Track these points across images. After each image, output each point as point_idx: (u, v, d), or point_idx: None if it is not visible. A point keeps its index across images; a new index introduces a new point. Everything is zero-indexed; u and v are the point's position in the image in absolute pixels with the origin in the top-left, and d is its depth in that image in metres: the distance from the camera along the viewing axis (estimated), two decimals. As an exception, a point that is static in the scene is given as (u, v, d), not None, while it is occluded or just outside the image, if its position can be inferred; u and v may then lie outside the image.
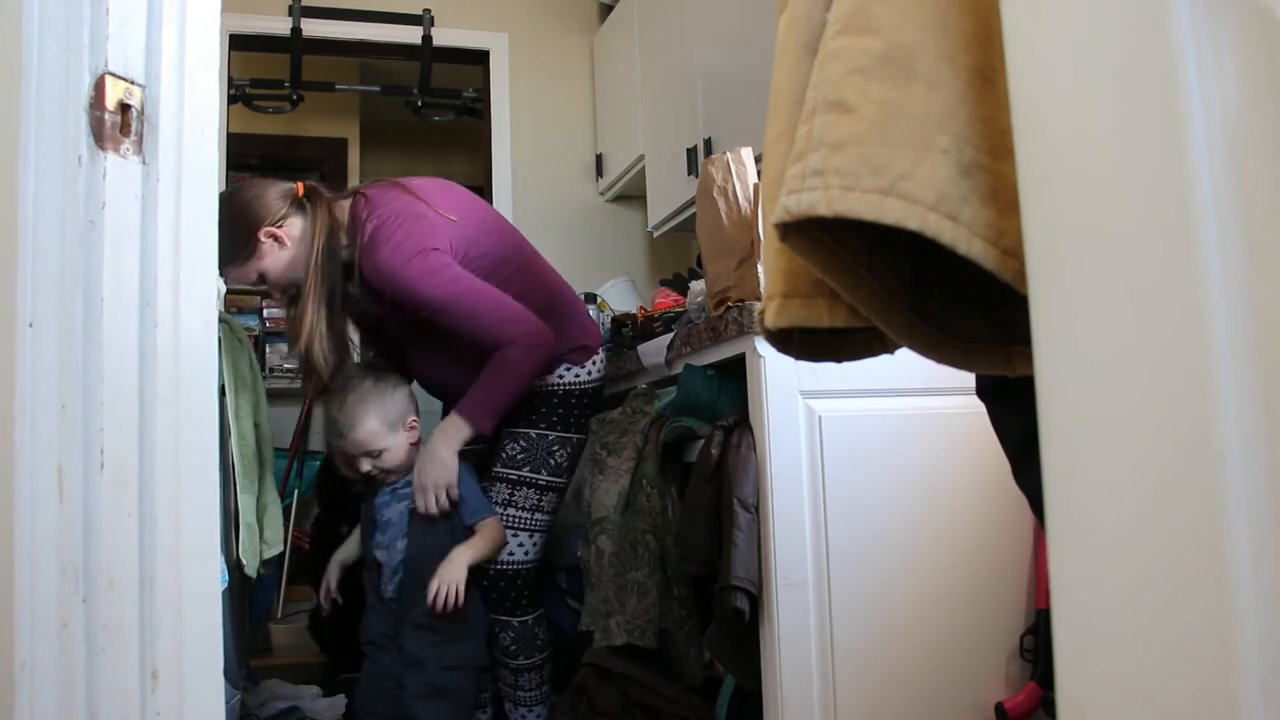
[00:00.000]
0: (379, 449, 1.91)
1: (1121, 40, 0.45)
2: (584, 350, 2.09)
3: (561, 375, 2.05)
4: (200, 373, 0.92)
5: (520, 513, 1.99)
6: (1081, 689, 0.47)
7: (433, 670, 1.88)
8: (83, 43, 0.83)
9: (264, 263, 1.91)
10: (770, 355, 1.60)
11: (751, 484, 1.58)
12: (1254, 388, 0.39)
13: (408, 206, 1.92)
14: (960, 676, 1.65)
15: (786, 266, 0.75)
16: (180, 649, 0.87)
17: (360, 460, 1.92)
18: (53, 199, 0.81)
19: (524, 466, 2.00)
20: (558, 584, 2.32)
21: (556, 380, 2.05)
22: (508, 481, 2.00)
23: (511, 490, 1.99)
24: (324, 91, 4.25)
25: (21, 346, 0.79)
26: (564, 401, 2.04)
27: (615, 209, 3.83)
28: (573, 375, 2.06)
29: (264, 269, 1.92)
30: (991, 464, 1.63)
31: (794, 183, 0.62)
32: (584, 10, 3.92)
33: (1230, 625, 0.39)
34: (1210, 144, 0.41)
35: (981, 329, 0.76)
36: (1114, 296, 0.45)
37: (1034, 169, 0.50)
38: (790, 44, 0.74)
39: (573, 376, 2.06)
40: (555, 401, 2.04)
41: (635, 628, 1.79)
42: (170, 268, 0.89)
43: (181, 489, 0.89)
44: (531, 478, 2.00)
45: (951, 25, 0.61)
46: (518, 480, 2.00)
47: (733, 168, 1.78)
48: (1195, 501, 0.40)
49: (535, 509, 2.00)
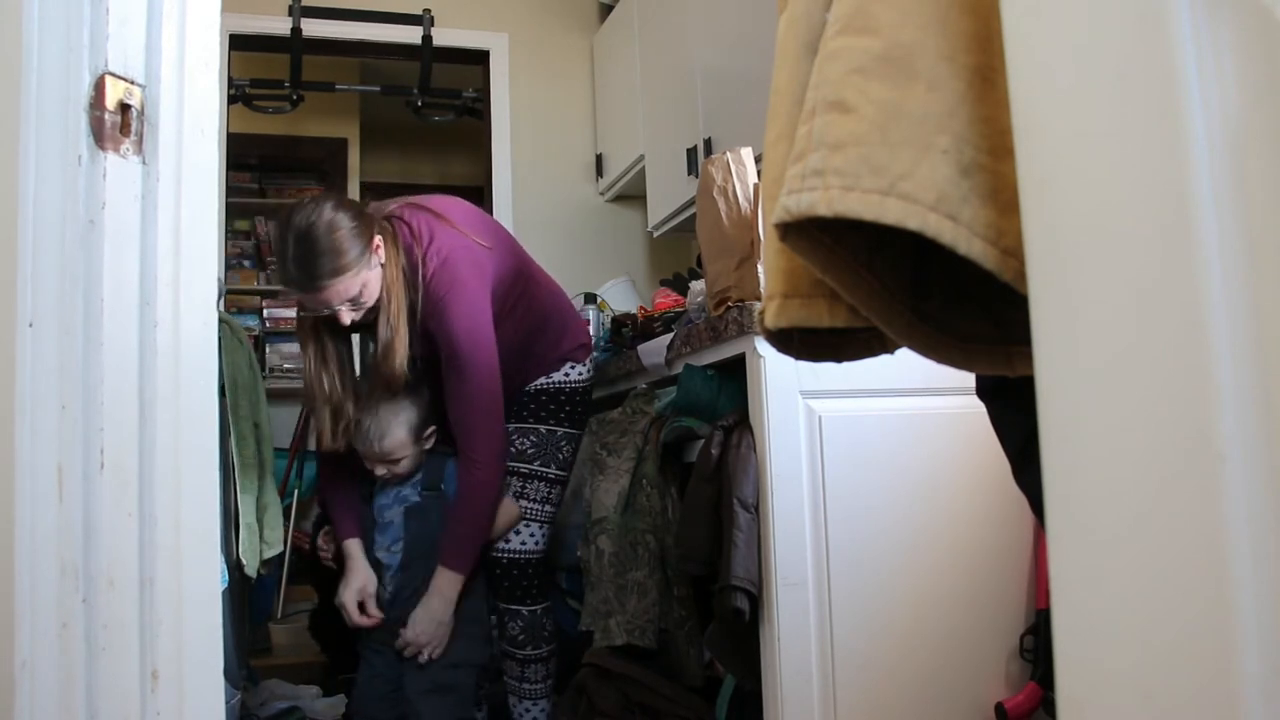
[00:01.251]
0: (400, 458, 1.94)
1: (1121, 40, 0.45)
2: (584, 348, 2.19)
3: (567, 374, 2.13)
4: (200, 373, 0.92)
5: (532, 504, 2.04)
6: (1081, 689, 0.47)
7: (436, 668, 1.89)
8: (83, 43, 0.83)
9: (370, 274, 1.80)
10: (770, 355, 1.60)
11: (751, 484, 1.58)
12: (1254, 387, 0.39)
13: (470, 256, 1.91)
14: (960, 676, 1.65)
15: (786, 266, 0.75)
16: (180, 649, 0.87)
17: (376, 466, 1.94)
18: (53, 199, 0.81)
19: (535, 460, 2.06)
20: (558, 584, 2.32)
21: (563, 378, 2.13)
22: (520, 475, 2.05)
23: (524, 483, 2.04)
24: (324, 91, 4.25)
25: (22, 346, 0.79)
26: (570, 398, 2.13)
27: (615, 209, 3.83)
28: (577, 373, 2.15)
29: (368, 281, 1.80)
30: (991, 464, 1.63)
31: (794, 183, 0.62)
32: (584, 10, 3.92)
33: (1230, 625, 0.39)
34: (1210, 144, 0.41)
35: (981, 329, 0.76)
36: (1114, 296, 0.45)
37: (1034, 169, 0.50)
38: (790, 44, 0.74)
39: (577, 375, 2.15)
40: (563, 399, 2.12)
41: (635, 628, 1.79)
42: (170, 268, 0.89)
43: (181, 489, 0.89)
44: (543, 471, 2.06)
45: (951, 25, 0.61)
46: (529, 474, 2.05)
47: (733, 168, 1.78)
48: (1195, 501, 0.40)
49: (545, 500, 2.06)
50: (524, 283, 2.08)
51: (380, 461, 1.93)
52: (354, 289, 1.77)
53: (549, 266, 2.27)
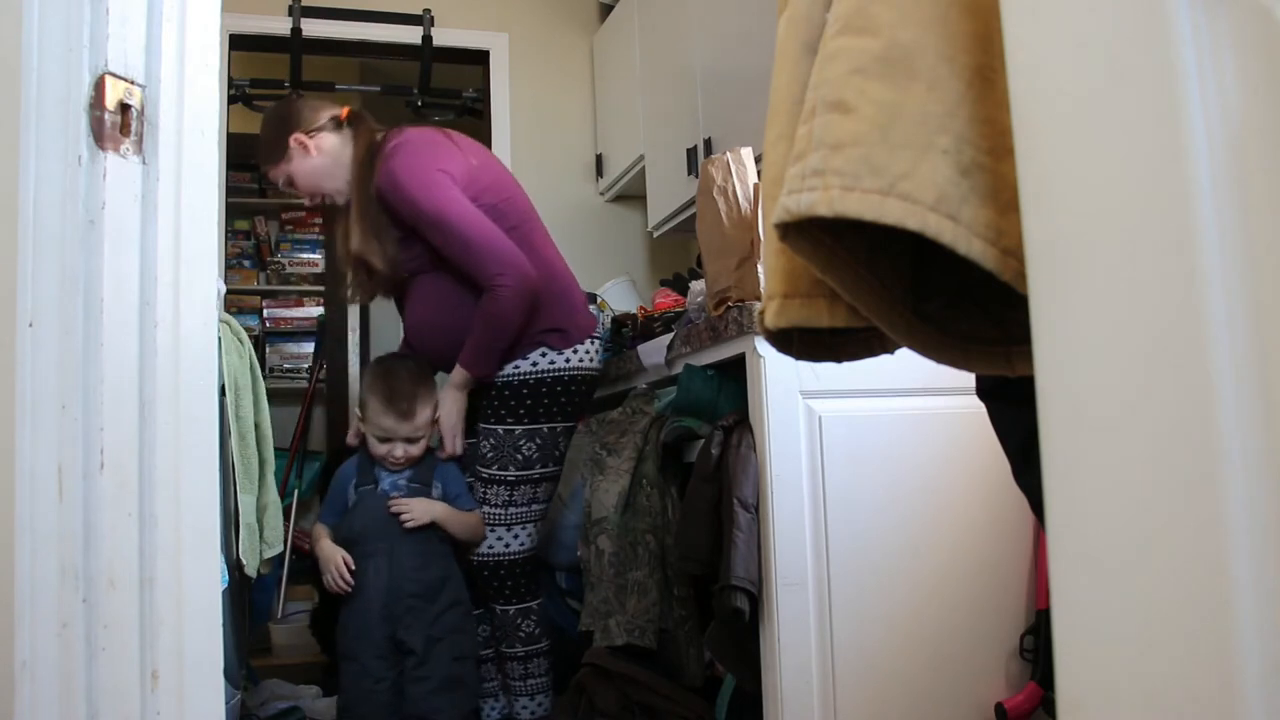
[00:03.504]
0: (419, 438, 1.98)
1: (1121, 40, 0.45)
2: (562, 334, 2.11)
3: (535, 363, 2.08)
4: (200, 373, 0.92)
5: (493, 509, 2.07)
6: (1081, 689, 0.47)
7: (445, 663, 1.90)
8: (83, 42, 0.83)
9: (291, 166, 2.09)
10: (770, 355, 1.60)
11: (751, 484, 1.58)
12: (1254, 386, 0.39)
13: (433, 136, 2.09)
14: (960, 676, 1.65)
15: (787, 266, 0.75)
16: (180, 649, 0.87)
17: (398, 445, 1.97)
18: (53, 199, 0.81)
19: (493, 465, 2.07)
20: (558, 584, 2.32)
21: (531, 368, 2.08)
22: (481, 480, 2.08)
23: (485, 488, 2.08)
24: (324, 91, 4.24)
25: (21, 346, 0.79)
26: (534, 391, 2.08)
27: (615, 209, 3.83)
28: (548, 361, 2.09)
29: (291, 172, 2.10)
30: (991, 464, 1.63)
31: (794, 183, 0.62)
32: (584, 10, 3.92)
33: (1230, 625, 0.39)
34: (1210, 143, 0.41)
35: (981, 329, 0.76)
36: (1114, 296, 0.45)
37: (1034, 169, 0.50)
38: (790, 44, 0.74)
39: (547, 363, 2.08)
40: (525, 393, 2.07)
41: (635, 628, 1.79)
42: (170, 268, 0.89)
43: (181, 489, 0.89)
44: (501, 475, 2.08)
45: (951, 25, 0.61)
46: (489, 479, 2.07)
47: (733, 168, 1.78)
48: (1195, 501, 0.40)
49: (507, 504, 2.08)
50: (509, 230, 2.04)
51: (403, 439, 1.96)
52: (278, 177, 2.12)
53: (549, 266, 2.25)
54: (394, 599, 1.91)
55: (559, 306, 2.11)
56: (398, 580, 1.92)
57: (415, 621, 1.91)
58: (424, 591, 1.93)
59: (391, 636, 1.91)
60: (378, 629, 1.90)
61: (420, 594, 1.92)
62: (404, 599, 1.91)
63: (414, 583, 1.92)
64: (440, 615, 1.93)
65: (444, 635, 1.92)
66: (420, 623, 1.91)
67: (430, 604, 1.92)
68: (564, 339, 2.10)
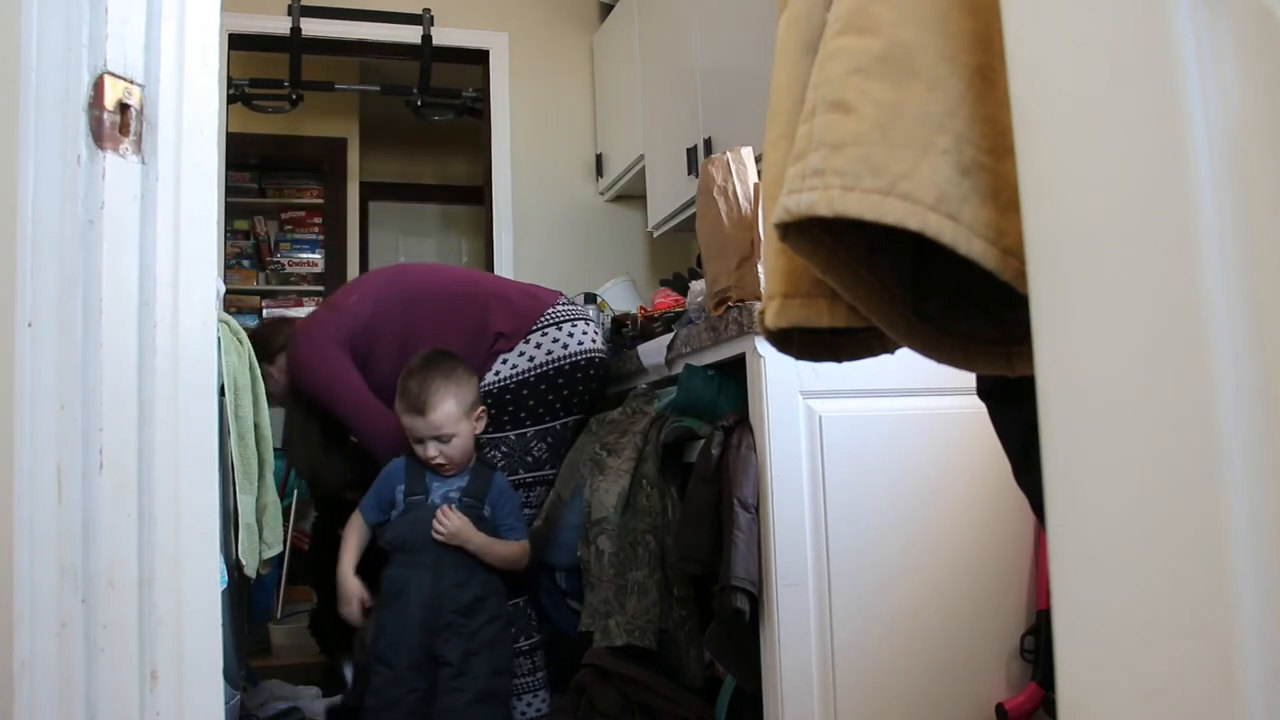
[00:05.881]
0: (450, 434, 1.89)
1: (1122, 40, 0.45)
2: (503, 337, 2.14)
3: (498, 371, 2.12)
4: (200, 373, 0.92)
5: None
6: (1081, 689, 0.46)
7: (482, 677, 1.87)
8: (82, 42, 0.83)
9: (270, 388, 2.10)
10: (770, 355, 1.60)
11: (751, 484, 1.58)
12: (1255, 386, 0.39)
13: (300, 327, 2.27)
14: (960, 677, 1.65)
15: (787, 266, 0.75)
16: (180, 649, 0.87)
17: (429, 444, 1.90)
18: (52, 199, 0.81)
19: None
20: (558, 584, 2.31)
21: (493, 377, 2.11)
22: None
23: None
24: (324, 91, 4.25)
25: (21, 346, 0.79)
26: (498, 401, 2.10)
27: (615, 209, 3.83)
28: (509, 368, 2.11)
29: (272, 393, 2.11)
30: (992, 464, 1.62)
31: (794, 183, 0.62)
32: (584, 9, 3.92)
33: (1230, 625, 0.39)
34: (1210, 144, 0.41)
35: (982, 329, 0.76)
36: (1114, 296, 0.45)
37: (1034, 169, 0.50)
38: (790, 44, 0.74)
39: (509, 370, 2.11)
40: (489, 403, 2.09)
41: (635, 628, 1.79)
42: (169, 268, 0.89)
43: (181, 489, 0.89)
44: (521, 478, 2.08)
45: (952, 25, 0.61)
46: None
47: (733, 168, 1.78)
48: (1196, 501, 0.40)
49: (525, 504, 2.09)
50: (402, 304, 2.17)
51: (430, 439, 1.89)
52: None
53: (549, 266, 2.27)
54: (434, 614, 1.87)
55: (492, 315, 2.17)
56: (439, 596, 1.88)
57: (454, 636, 1.87)
58: (465, 609, 1.89)
59: (428, 649, 1.87)
60: (415, 640, 1.86)
61: (461, 610, 1.88)
62: (445, 614, 1.87)
63: (455, 600, 1.88)
64: (479, 630, 1.89)
65: (481, 650, 1.88)
66: (459, 638, 1.87)
67: (470, 620, 1.89)
68: (505, 341, 2.15)
